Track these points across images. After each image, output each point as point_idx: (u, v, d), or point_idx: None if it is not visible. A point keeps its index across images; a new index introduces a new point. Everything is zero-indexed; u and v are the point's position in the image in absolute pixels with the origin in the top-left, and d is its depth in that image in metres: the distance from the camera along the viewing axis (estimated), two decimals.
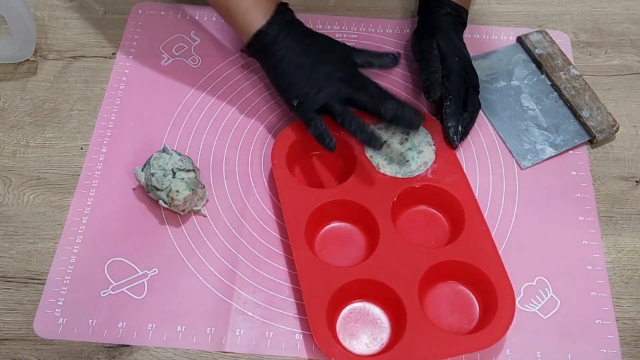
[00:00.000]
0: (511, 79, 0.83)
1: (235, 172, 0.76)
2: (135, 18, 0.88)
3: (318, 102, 0.70)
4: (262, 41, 0.72)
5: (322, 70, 0.71)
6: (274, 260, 0.70)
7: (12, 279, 0.69)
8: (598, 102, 0.79)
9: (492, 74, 0.83)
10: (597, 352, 0.66)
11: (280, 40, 0.72)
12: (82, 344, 0.66)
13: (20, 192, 0.74)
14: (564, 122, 0.79)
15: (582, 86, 0.81)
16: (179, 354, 0.65)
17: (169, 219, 0.72)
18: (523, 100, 0.81)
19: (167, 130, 0.78)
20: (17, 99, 0.81)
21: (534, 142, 0.78)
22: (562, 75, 0.81)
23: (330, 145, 0.70)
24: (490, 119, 0.80)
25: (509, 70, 0.83)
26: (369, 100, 0.70)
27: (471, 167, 0.76)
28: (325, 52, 0.73)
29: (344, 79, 0.71)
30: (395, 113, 0.70)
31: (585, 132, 0.78)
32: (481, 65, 0.83)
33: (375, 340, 0.66)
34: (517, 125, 0.79)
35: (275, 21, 0.72)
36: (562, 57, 0.83)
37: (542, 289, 0.69)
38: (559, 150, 0.77)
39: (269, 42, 0.72)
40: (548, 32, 0.85)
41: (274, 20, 0.72)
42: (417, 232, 0.72)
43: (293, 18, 0.75)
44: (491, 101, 0.81)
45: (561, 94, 0.81)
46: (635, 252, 0.72)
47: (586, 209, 0.74)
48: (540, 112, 0.80)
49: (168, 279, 0.69)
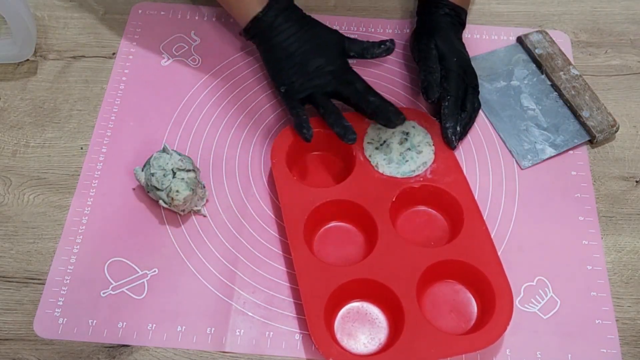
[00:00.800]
0: (511, 79, 0.83)
1: (235, 172, 0.76)
2: (135, 18, 0.88)
3: (304, 92, 0.73)
4: (258, 27, 0.75)
5: (313, 62, 0.73)
6: (273, 260, 0.70)
7: (12, 279, 0.69)
8: (598, 102, 0.79)
9: (492, 74, 0.83)
10: (597, 352, 0.66)
11: (275, 27, 0.74)
12: (82, 344, 0.66)
13: (20, 192, 0.74)
14: (564, 122, 0.79)
15: (582, 86, 0.81)
16: (179, 354, 0.65)
17: (169, 219, 0.72)
18: (523, 100, 0.81)
19: (167, 130, 0.78)
20: (17, 99, 0.81)
21: (534, 142, 0.78)
22: (562, 75, 0.81)
23: (306, 136, 0.71)
24: (490, 119, 0.80)
25: (509, 70, 0.83)
26: (353, 95, 0.72)
27: (471, 167, 0.76)
28: (319, 43, 0.75)
29: (333, 72, 0.73)
30: (375, 108, 0.71)
31: (585, 132, 0.78)
32: (481, 65, 0.82)
33: (373, 340, 0.66)
34: (517, 125, 0.79)
35: (272, 7, 0.74)
36: (562, 57, 0.83)
37: (542, 289, 0.69)
38: (559, 150, 0.77)
39: (264, 28, 0.75)
40: (548, 32, 0.85)
41: (270, 6, 0.74)
42: (416, 232, 0.72)
43: (290, 4, 0.76)
44: (491, 101, 0.81)
45: (561, 94, 0.81)
46: (635, 252, 0.72)
47: (586, 209, 0.74)
48: (540, 112, 0.80)
49: (168, 279, 0.69)
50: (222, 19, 0.88)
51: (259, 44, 0.77)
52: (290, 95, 0.74)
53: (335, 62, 0.74)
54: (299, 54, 0.74)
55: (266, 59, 0.77)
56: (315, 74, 0.73)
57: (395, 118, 0.71)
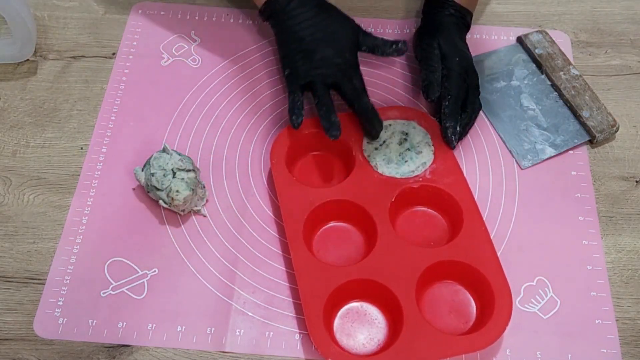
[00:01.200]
0: (511, 79, 0.83)
1: (235, 172, 0.76)
2: (135, 18, 0.88)
3: (305, 79, 0.73)
4: (272, 9, 0.76)
5: (321, 51, 0.73)
6: (273, 260, 0.70)
7: (12, 279, 0.69)
8: (598, 102, 0.79)
9: (492, 74, 0.83)
10: (597, 352, 0.66)
11: (289, 11, 0.75)
12: (82, 344, 0.66)
13: (20, 192, 0.74)
14: (564, 122, 0.79)
15: (582, 86, 0.81)
16: (179, 354, 0.65)
17: (169, 219, 0.72)
18: (523, 100, 0.81)
19: (167, 130, 0.78)
20: (17, 99, 0.81)
21: (534, 142, 0.78)
22: (562, 75, 0.81)
23: (294, 122, 0.73)
24: (490, 119, 0.80)
25: (509, 70, 0.83)
26: (351, 92, 0.73)
27: (471, 167, 0.76)
28: (332, 32, 0.75)
29: (339, 65, 0.73)
30: (365, 109, 0.72)
31: (585, 132, 0.78)
32: (481, 65, 0.83)
33: (372, 340, 0.66)
34: (517, 125, 0.79)
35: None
36: (562, 57, 0.83)
37: (542, 289, 0.69)
38: (559, 150, 0.77)
39: (279, 11, 0.75)
40: (548, 32, 0.85)
41: None
42: (416, 232, 0.72)
43: None
44: (491, 101, 0.81)
45: (561, 94, 0.81)
46: (635, 252, 0.72)
47: (586, 209, 0.74)
48: (540, 112, 0.80)
49: (168, 279, 0.69)
50: (222, 19, 0.88)
51: (273, 26, 0.78)
52: (292, 79, 0.74)
53: (343, 55, 0.74)
54: (309, 40, 0.74)
55: (278, 41, 0.78)
56: (320, 63, 0.73)
57: (378, 126, 0.73)
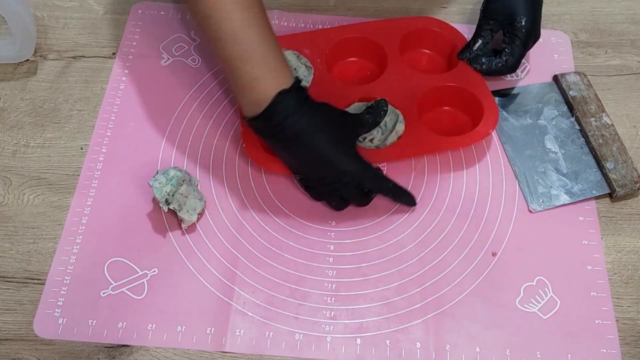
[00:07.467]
0: (539, 118, 0.80)
1: (236, 172, 0.76)
2: (135, 18, 0.88)
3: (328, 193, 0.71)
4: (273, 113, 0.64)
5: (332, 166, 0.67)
6: (273, 260, 0.70)
7: (12, 279, 0.69)
8: (625, 154, 0.76)
9: (520, 110, 0.80)
10: (597, 352, 0.66)
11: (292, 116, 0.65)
12: (82, 344, 0.66)
13: (20, 192, 0.74)
14: (585, 171, 0.76)
15: (612, 136, 0.77)
16: (179, 354, 0.65)
17: (169, 219, 0.72)
18: (547, 141, 0.78)
19: (167, 130, 0.78)
20: (17, 99, 0.81)
21: (550, 186, 0.75)
22: (592, 121, 0.78)
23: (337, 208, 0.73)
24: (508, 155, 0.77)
25: (539, 108, 0.80)
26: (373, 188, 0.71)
27: (471, 167, 0.76)
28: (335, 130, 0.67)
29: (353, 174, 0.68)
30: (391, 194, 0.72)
31: (605, 184, 0.75)
32: (511, 100, 0.81)
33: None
34: (536, 167, 0.76)
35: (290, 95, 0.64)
36: (596, 102, 0.79)
37: (542, 289, 0.69)
38: (574, 199, 0.74)
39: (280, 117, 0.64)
40: (550, 32, 0.85)
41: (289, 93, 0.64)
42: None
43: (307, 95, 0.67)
44: (514, 137, 0.78)
45: (588, 140, 0.77)
46: (635, 252, 0.72)
47: (586, 209, 0.74)
48: (562, 157, 0.77)
49: (168, 279, 0.69)
50: None
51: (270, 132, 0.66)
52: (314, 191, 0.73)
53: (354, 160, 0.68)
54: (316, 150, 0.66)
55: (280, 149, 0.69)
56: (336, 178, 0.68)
57: (407, 198, 0.72)
